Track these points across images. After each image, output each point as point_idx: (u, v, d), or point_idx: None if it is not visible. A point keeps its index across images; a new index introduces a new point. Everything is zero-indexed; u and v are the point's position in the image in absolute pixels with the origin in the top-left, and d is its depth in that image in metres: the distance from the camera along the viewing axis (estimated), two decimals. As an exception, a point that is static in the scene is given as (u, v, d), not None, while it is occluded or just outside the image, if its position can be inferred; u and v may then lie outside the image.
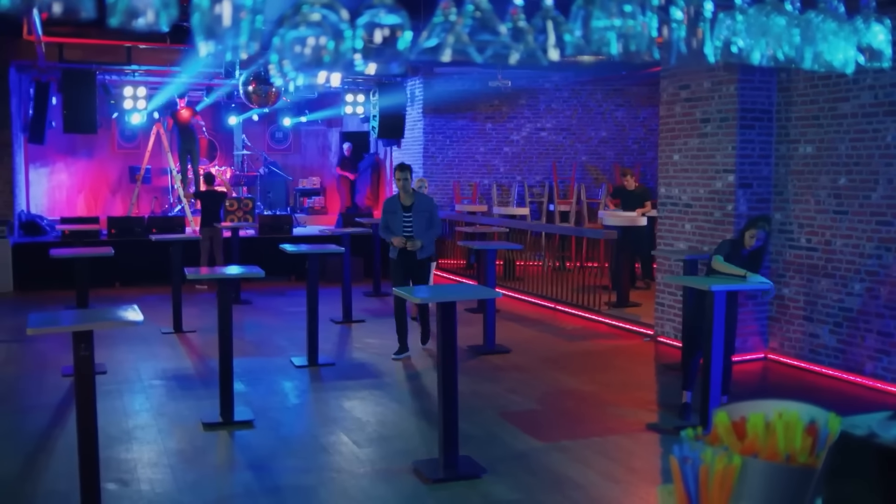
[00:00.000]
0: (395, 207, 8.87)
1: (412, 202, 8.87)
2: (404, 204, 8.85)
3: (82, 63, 13.48)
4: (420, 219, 8.81)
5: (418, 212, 8.83)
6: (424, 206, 8.90)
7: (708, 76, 9.04)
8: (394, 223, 8.85)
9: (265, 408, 7.12)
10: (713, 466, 1.55)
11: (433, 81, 15.99)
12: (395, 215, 8.85)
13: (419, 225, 8.80)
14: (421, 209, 8.85)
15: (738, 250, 6.85)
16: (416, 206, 8.86)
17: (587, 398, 7.58)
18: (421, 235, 8.78)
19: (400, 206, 8.85)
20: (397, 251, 8.82)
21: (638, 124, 16.72)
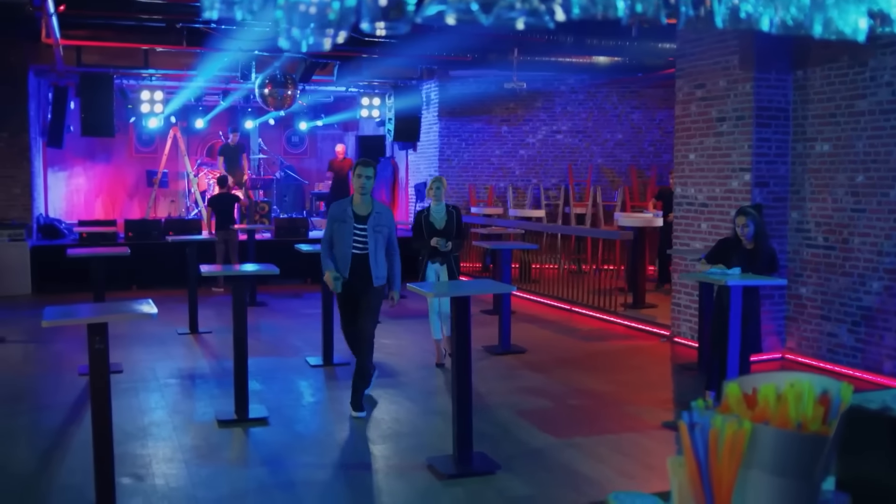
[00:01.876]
0: (346, 215, 6.72)
1: (369, 211, 6.72)
2: (358, 213, 6.71)
3: (100, 67, 13.57)
4: (376, 238, 6.72)
5: (375, 227, 6.71)
6: (383, 220, 6.78)
7: (723, 75, 9.00)
8: (341, 235, 6.71)
9: (280, 406, 7.12)
10: (723, 432, 1.53)
11: (448, 84, 16.00)
12: (343, 225, 6.71)
13: (374, 244, 6.72)
14: (379, 224, 6.73)
15: (737, 246, 6.87)
16: (373, 218, 6.71)
17: (603, 397, 7.54)
18: (379, 262, 6.78)
19: (352, 213, 6.70)
20: (346, 276, 6.73)
21: (654, 126, 16.67)
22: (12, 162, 13.69)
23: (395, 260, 6.88)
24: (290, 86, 13.78)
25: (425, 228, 8.27)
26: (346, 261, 6.69)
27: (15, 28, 12.05)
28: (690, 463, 1.55)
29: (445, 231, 8.25)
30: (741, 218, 6.88)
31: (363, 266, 6.69)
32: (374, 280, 6.72)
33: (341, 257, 6.71)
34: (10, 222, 13.34)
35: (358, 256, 6.68)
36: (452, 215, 8.32)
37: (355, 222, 6.69)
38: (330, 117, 18.51)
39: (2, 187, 13.66)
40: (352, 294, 6.79)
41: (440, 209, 8.33)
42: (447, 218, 8.30)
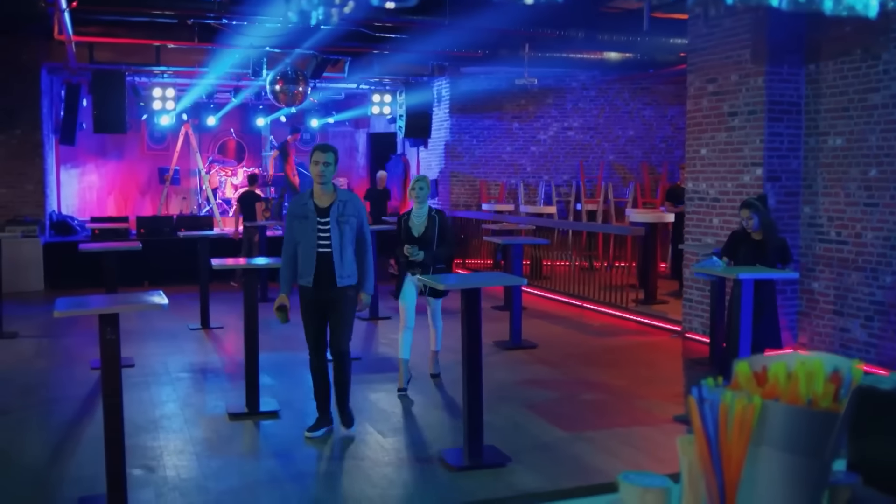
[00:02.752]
0: (307, 209, 5.90)
1: (332, 202, 5.90)
2: (320, 205, 5.90)
3: (112, 64, 13.61)
4: (343, 230, 5.88)
5: (339, 217, 5.87)
6: (349, 209, 5.92)
7: (735, 69, 8.96)
8: (304, 234, 5.89)
9: (291, 399, 7.13)
10: (733, 407, 1.52)
11: (460, 81, 15.99)
12: (304, 222, 5.89)
13: (341, 239, 5.87)
14: (344, 214, 5.88)
15: (746, 239, 6.90)
16: (336, 207, 5.88)
17: (613, 391, 7.53)
18: (346, 259, 5.91)
19: (313, 207, 5.89)
20: (311, 281, 5.91)
21: (665, 123, 16.62)
22: (25, 159, 13.76)
23: (365, 256, 6.03)
24: (302, 82, 13.80)
25: (403, 235, 7.31)
26: (311, 262, 5.85)
27: (28, 26, 12.12)
28: (700, 439, 1.54)
29: (424, 238, 7.22)
30: (745, 211, 6.91)
31: (328, 266, 5.84)
32: (337, 280, 5.84)
33: (305, 259, 5.87)
34: (24, 219, 13.40)
35: (323, 255, 5.84)
36: (435, 221, 7.25)
37: (318, 216, 5.85)
38: (341, 114, 18.51)
39: (15, 184, 13.73)
40: (317, 301, 5.92)
41: (421, 213, 7.32)
42: (428, 223, 7.25)
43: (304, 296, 5.95)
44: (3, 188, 13.67)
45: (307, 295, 5.93)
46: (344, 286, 5.90)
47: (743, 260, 6.97)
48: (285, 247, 5.99)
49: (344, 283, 5.90)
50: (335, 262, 5.83)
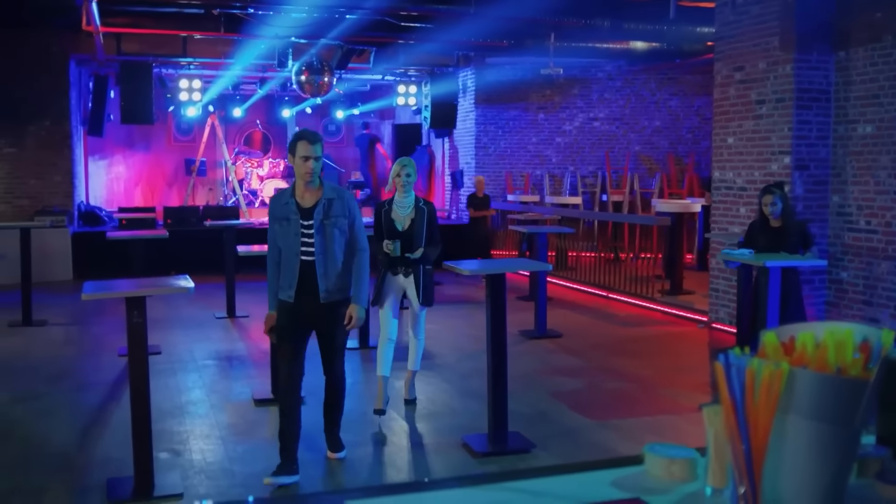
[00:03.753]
0: (288, 210, 4.96)
1: (317, 200, 4.94)
2: (303, 204, 4.95)
3: (139, 55, 13.70)
4: (330, 234, 4.93)
5: (325, 218, 4.93)
6: (337, 208, 4.97)
7: (763, 57, 8.88)
8: (285, 239, 4.97)
9: (316, 386, 7.08)
10: (760, 373, 1.50)
11: (485, 72, 15.95)
12: (285, 225, 4.96)
13: (322, 244, 4.92)
14: (331, 214, 4.94)
15: (766, 228, 6.84)
16: (321, 207, 4.93)
17: (639, 380, 7.49)
18: (332, 270, 4.96)
19: (295, 207, 4.94)
20: (293, 295, 4.96)
21: (692, 113, 16.51)
22: (54, 150, 13.88)
23: (360, 265, 5.06)
24: (327, 73, 13.82)
25: (384, 227, 6.22)
26: (293, 272, 4.91)
27: (56, 18, 12.22)
28: (726, 405, 1.52)
29: (409, 234, 6.18)
30: (768, 196, 6.83)
31: (312, 277, 4.91)
32: (320, 295, 4.90)
33: (287, 269, 4.94)
34: (52, 209, 13.54)
35: (307, 265, 4.91)
36: (423, 213, 6.20)
37: (301, 218, 4.90)
38: (366, 105, 18.54)
39: (44, 175, 13.86)
40: (299, 319, 4.96)
41: (406, 203, 6.22)
42: (414, 216, 6.20)
43: (283, 311, 4.97)
44: (32, 179, 13.81)
45: (287, 311, 4.96)
46: (330, 302, 4.93)
47: (764, 249, 6.90)
48: (270, 254, 5.07)
49: (330, 298, 4.93)
50: (318, 274, 4.89)
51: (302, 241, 4.91)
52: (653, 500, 1.65)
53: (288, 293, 4.95)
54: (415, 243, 6.18)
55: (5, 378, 7.46)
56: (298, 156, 4.84)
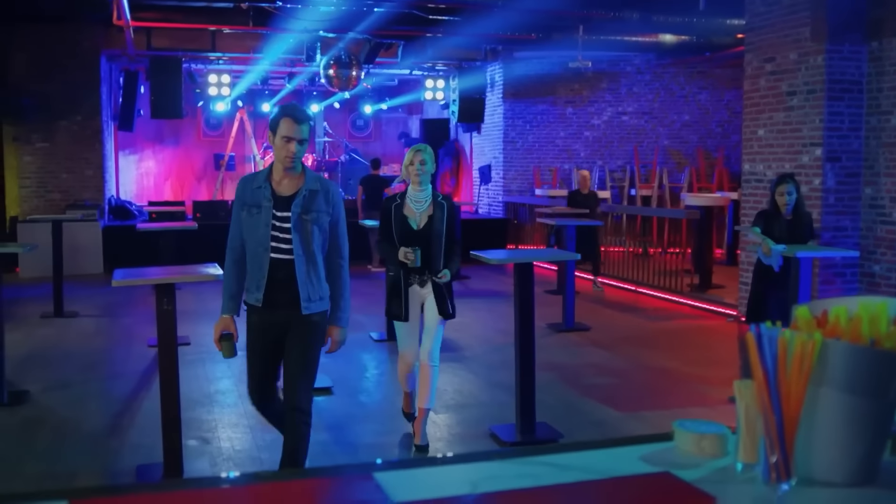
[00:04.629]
0: (260, 196, 4.08)
1: (297, 190, 4.09)
2: (279, 192, 4.09)
3: (169, 50, 13.80)
4: (310, 231, 4.06)
5: (305, 212, 4.06)
6: (319, 202, 4.10)
7: (794, 47, 8.79)
8: (252, 231, 4.10)
9: (343, 377, 7.18)
10: (792, 344, 1.48)
11: (513, 66, 15.91)
12: (255, 213, 4.08)
13: (302, 242, 4.06)
14: (312, 208, 4.07)
15: (778, 218, 6.73)
16: (302, 198, 4.07)
17: (668, 373, 7.45)
18: (315, 273, 4.11)
19: (270, 194, 4.07)
20: (261, 299, 4.11)
21: (722, 107, 16.39)
22: (85, 144, 14.02)
23: (340, 272, 4.22)
24: (355, 67, 13.85)
25: (395, 225, 5.25)
26: (261, 271, 4.06)
27: (88, 13, 12.34)
28: (758, 376, 1.51)
29: (426, 234, 5.21)
30: (784, 185, 6.71)
31: (286, 280, 4.05)
32: (301, 305, 4.05)
33: (254, 265, 4.10)
34: (84, 203, 13.67)
35: (279, 264, 4.05)
36: (442, 209, 5.24)
37: (276, 208, 4.04)
38: (394, 100, 18.56)
39: (75, 169, 14.00)
40: (269, 329, 4.16)
41: (423, 197, 5.26)
42: (433, 213, 5.24)
43: (251, 320, 4.19)
44: (64, 173, 13.95)
45: (255, 319, 4.17)
46: (311, 314, 4.09)
47: (776, 240, 6.79)
48: (230, 247, 4.20)
49: (312, 309, 4.08)
50: (298, 277, 4.03)
51: (272, 234, 4.02)
52: (683, 475, 1.64)
53: (255, 296, 4.09)
54: (433, 245, 5.20)
55: (38, 367, 7.55)
56: (280, 135, 3.99)
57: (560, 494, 1.56)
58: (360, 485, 1.60)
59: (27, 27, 13.28)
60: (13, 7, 12.19)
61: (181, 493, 1.61)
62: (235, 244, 4.18)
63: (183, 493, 1.60)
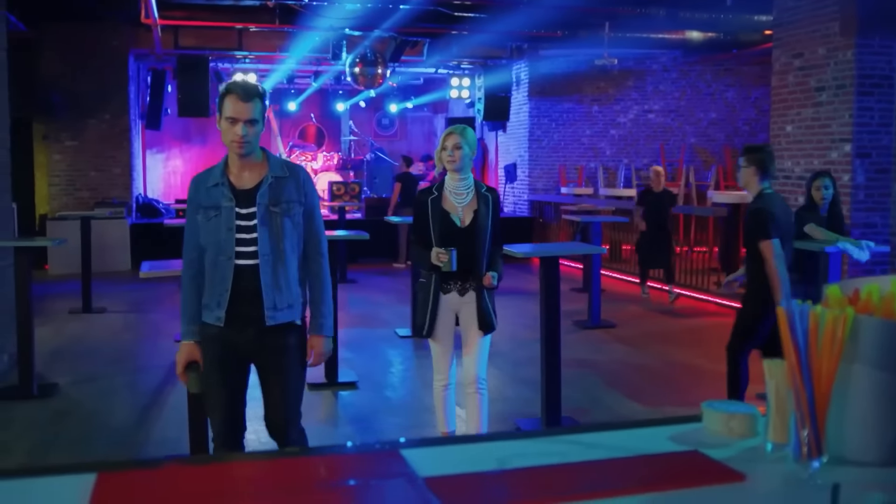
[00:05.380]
0: (217, 196, 3.42)
1: (260, 180, 3.42)
2: (238, 185, 3.43)
3: (196, 49, 13.89)
4: (281, 226, 3.42)
5: (272, 204, 3.41)
6: (287, 190, 3.45)
7: (823, 42, 8.71)
8: (212, 234, 3.42)
9: (369, 372, 7.19)
10: (824, 318, 1.47)
11: (538, 64, 15.86)
12: (213, 216, 3.42)
13: (270, 240, 3.40)
14: (280, 198, 3.42)
15: (814, 214, 6.66)
16: (267, 188, 3.40)
17: (694, 370, 7.41)
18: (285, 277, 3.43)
19: (229, 190, 3.41)
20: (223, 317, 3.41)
21: (749, 105, 16.28)
22: (114, 143, 14.15)
23: (321, 271, 3.56)
24: (381, 65, 13.87)
25: (434, 223, 4.52)
26: (223, 287, 3.38)
27: (116, 12, 12.45)
28: (789, 351, 1.49)
29: (471, 233, 4.50)
30: (820, 180, 6.64)
31: (254, 291, 3.39)
32: (265, 315, 3.38)
33: (214, 281, 3.40)
34: (112, 201, 13.79)
35: (244, 273, 3.38)
36: (488, 202, 4.57)
37: (238, 205, 3.38)
38: (419, 98, 18.58)
39: (104, 167, 14.13)
40: (232, 353, 3.47)
41: (463, 187, 4.56)
42: (478, 207, 4.55)
43: (209, 342, 3.47)
44: (93, 171, 14.08)
45: (214, 341, 3.45)
46: (277, 326, 3.41)
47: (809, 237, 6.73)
48: (185, 260, 3.51)
49: (279, 319, 3.41)
50: (263, 281, 3.36)
51: (237, 237, 3.36)
52: (711, 454, 1.63)
53: (216, 314, 3.39)
54: (478, 245, 4.47)
55: (67, 361, 7.62)
56: (225, 116, 3.31)
57: (587, 471, 1.55)
58: (386, 461, 1.60)
59: (57, 27, 13.43)
60: (44, 7, 12.32)
61: (209, 466, 1.62)
62: (192, 256, 3.48)
63: (211, 467, 1.61)
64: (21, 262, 6.45)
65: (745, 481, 1.49)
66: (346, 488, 1.47)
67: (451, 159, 4.50)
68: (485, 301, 4.60)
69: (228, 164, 3.45)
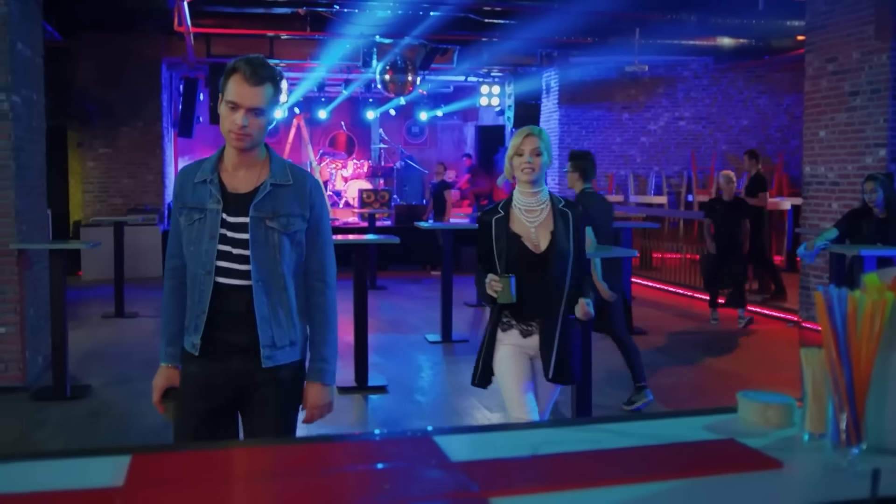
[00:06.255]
0: (203, 194, 2.75)
1: (258, 184, 2.75)
2: (231, 187, 2.76)
3: (228, 57, 13.95)
4: (279, 243, 2.73)
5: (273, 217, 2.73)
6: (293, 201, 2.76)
7: (857, 46, 8.62)
8: (194, 242, 2.74)
9: (399, 376, 7.20)
10: (862, 303, 1.45)
11: (568, 71, 15.83)
12: (197, 217, 2.75)
13: (272, 262, 2.72)
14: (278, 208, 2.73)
15: (868, 216, 6.61)
16: (265, 196, 2.72)
17: (726, 375, 7.35)
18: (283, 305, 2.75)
19: (218, 190, 2.74)
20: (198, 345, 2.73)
21: (781, 112, 16.15)
22: (146, 150, 14.29)
23: (326, 308, 2.89)
24: (411, 72, 13.91)
25: (498, 247, 3.64)
26: (200, 307, 2.74)
27: (150, 20, 12.59)
28: (827, 335, 1.47)
29: (546, 261, 3.60)
30: (870, 183, 6.65)
31: (238, 318, 2.73)
32: (262, 353, 2.71)
33: (193, 299, 2.77)
34: (144, 208, 13.93)
35: (227, 294, 2.73)
36: (567, 220, 3.68)
37: (226, 210, 2.74)
38: (449, 106, 18.62)
39: (136, 174, 14.27)
40: (210, 394, 2.77)
41: (537, 203, 3.69)
42: (555, 227, 3.65)
43: (186, 374, 2.84)
44: (126, 178, 14.23)
45: (189, 378, 2.82)
46: (276, 367, 2.74)
47: (866, 239, 6.70)
48: (168, 266, 2.90)
49: (277, 359, 2.74)
50: (258, 313, 2.70)
51: (220, 249, 2.70)
52: (747, 443, 1.61)
53: (192, 339, 2.76)
54: (557, 276, 3.58)
55: (100, 363, 7.69)
56: (226, 99, 2.70)
57: (622, 457, 1.54)
58: (420, 446, 1.60)
59: (91, 36, 13.60)
60: (78, 16, 12.48)
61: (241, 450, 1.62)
62: (175, 264, 2.85)
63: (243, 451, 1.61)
64: (55, 264, 6.53)
65: (783, 468, 1.48)
66: (380, 471, 1.47)
67: (528, 168, 3.62)
68: (564, 343, 3.61)
69: (223, 158, 2.81)
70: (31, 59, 7.25)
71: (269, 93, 2.70)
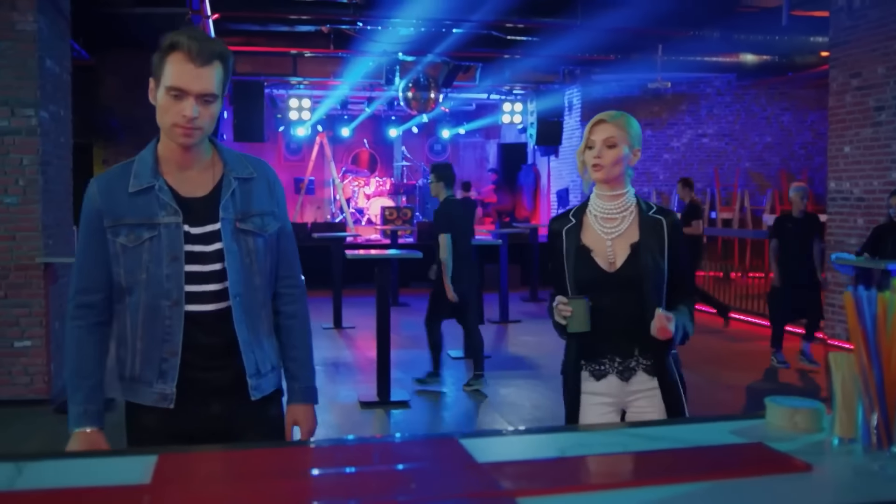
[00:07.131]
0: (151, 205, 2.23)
1: (217, 183, 2.28)
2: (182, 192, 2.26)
3: (251, 76, 14.13)
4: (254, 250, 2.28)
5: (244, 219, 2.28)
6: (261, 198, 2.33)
7: (882, 61, 8.58)
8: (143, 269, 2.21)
9: (421, 391, 7.19)
10: (893, 304, 1.44)
11: (591, 88, 15.84)
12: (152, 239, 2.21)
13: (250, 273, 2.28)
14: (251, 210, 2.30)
15: (893, 231, 6.58)
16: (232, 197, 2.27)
17: (748, 390, 7.31)
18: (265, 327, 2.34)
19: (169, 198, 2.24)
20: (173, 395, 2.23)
21: (805, 128, 16.08)
22: (170, 167, 14.39)
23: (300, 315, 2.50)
24: (433, 89, 13.98)
25: (568, 262, 2.88)
26: (169, 346, 2.23)
27: (174, 38, 12.72)
28: (856, 335, 1.46)
29: (628, 279, 2.79)
30: (892, 198, 6.61)
31: (215, 351, 2.27)
32: (249, 385, 2.28)
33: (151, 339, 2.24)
34: (168, 224, 14.02)
35: (200, 324, 2.24)
36: (659, 229, 2.83)
37: (188, 221, 2.24)
38: (471, 124, 18.67)
39: (161, 191, 14.38)
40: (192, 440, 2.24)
41: (617, 210, 2.87)
42: (640, 238, 2.80)
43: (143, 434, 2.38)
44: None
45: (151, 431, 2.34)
46: (262, 396, 2.33)
47: (891, 254, 6.65)
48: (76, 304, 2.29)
49: (263, 388, 2.33)
50: (242, 341, 2.27)
51: (189, 270, 2.23)
52: (776, 447, 1.59)
53: (157, 391, 2.26)
54: (639, 301, 2.78)
55: (123, 378, 7.72)
56: (165, 85, 2.24)
57: (649, 459, 1.53)
58: (445, 448, 1.60)
59: (118, 52, 13.73)
60: (105, 35, 12.63)
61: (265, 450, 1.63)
62: (92, 299, 2.27)
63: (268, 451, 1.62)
64: (81, 278, 6.56)
65: (813, 471, 1.46)
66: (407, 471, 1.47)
67: (596, 162, 2.83)
68: (670, 385, 2.98)
69: (161, 158, 2.32)
70: (59, 75, 7.34)
71: (220, 74, 2.22)
